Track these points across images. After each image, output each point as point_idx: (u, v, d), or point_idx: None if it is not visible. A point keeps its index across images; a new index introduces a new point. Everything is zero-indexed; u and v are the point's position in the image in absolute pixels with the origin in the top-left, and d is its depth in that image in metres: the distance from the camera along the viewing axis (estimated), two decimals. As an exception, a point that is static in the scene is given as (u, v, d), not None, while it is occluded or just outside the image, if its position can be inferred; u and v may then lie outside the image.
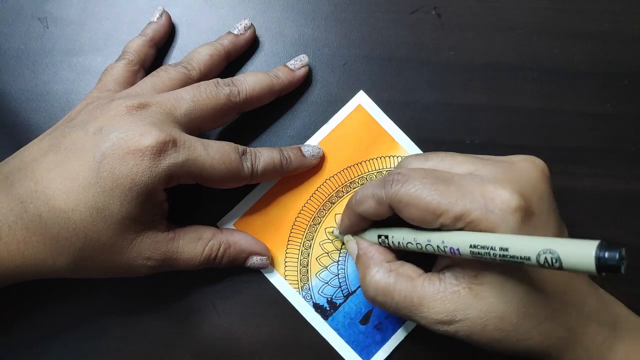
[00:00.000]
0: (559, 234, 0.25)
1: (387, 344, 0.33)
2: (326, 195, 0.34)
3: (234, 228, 0.33)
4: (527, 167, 0.26)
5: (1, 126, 0.35)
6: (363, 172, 0.34)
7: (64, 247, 0.27)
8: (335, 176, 0.34)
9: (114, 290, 0.33)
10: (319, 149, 0.33)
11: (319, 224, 0.34)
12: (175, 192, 0.30)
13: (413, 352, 0.33)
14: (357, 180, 0.34)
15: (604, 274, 0.17)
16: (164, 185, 0.28)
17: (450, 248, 0.23)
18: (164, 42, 0.35)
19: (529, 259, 0.19)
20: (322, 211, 0.34)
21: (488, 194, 0.23)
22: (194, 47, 0.34)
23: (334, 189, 0.34)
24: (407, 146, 0.34)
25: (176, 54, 0.35)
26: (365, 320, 0.33)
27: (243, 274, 0.34)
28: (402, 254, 0.28)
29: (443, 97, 0.35)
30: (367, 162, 0.34)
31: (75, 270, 0.28)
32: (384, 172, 0.34)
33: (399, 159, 0.34)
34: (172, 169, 0.27)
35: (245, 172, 0.30)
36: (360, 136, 0.34)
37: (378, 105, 0.35)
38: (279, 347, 0.33)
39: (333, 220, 0.34)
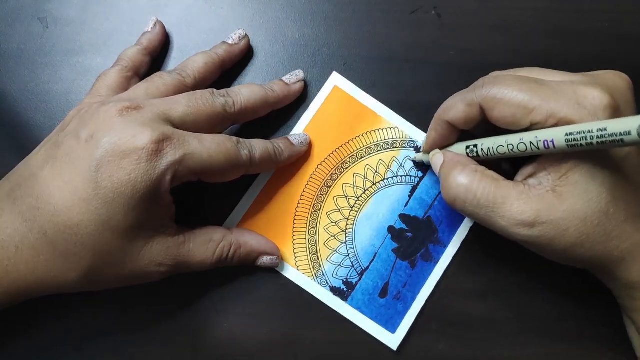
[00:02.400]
0: None
1: (409, 311, 0.33)
2: (321, 180, 0.34)
3: (244, 229, 0.34)
4: (614, 78, 0.27)
5: (1, 126, 0.35)
6: (352, 151, 0.34)
7: (73, 262, 0.26)
8: (326, 160, 0.34)
9: (113, 291, 0.33)
10: (306, 136, 0.34)
11: (320, 209, 0.34)
12: (176, 194, 0.30)
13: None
14: (348, 160, 0.34)
15: None
16: (168, 187, 0.27)
17: (545, 141, 0.24)
18: (159, 51, 0.35)
19: (629, 133, 0.20)
20: (320, 196, 0.34)
21: (580, 92, 0.24)
22: (194, 47, 0.34)
23: (328, 172, 0.34)
24: (390, 118, 0.34)
25: (176, 55, 0.35)
26: (383, 293, 0.33)
27: (243, 274, 0.34)
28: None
29: (443, 97, 0.34)
30: (354, 140, 0.34)
31: (87, 284, 0.27)
32: (373, 148, 0.34)
33: (385, 132, 0.34)
34: (173, 168, 0.26)
35: (244, 159, 0.29)
36: (342, 116, 0.35)
37: (371, 94, 0.35)
38: (279, 346, 0.33)
39: (333, 203, 0.34)
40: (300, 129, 0.34)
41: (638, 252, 0.26)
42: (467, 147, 0.29)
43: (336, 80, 0.35)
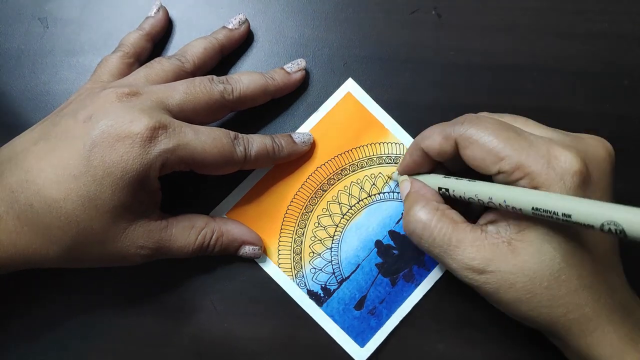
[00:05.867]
0: None
1: (381, 329, 0.33)
2: (317, 183, 0.34)
3: (227, 217, 0.34)
4: (595, 145, 0.26)
5: (1, 126, 0.35)
6: (354, 159, 0.34)
7: (56, 236, 0.26)
8: (326, 164, 0.34)
9: (113, 291, 0.33)
10: (310, 136, 0.34)
11: (311, 211, 0.34)
12: (168, 181, 0.30)
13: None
14: (348, 168, 0.34)
15: None
16: (157, 173, 0.27)
17: (512, 207, 0.24)
18: (161, 37, 0.35)
19: (592, 227, 0.20)
20: (314, 199, 0.34)
21: (553, 151, 0.24)
22: (194, 47, 0.33)
23: (325, 176, 0.34)
24: (397, 133, 0.34)
25: (176, 54, 0.35)
26: (359, 305, 0.33)
27: (243, 274, 0.34)
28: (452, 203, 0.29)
29: (443, 97, 0.35)
30: (357, 149, 0.34)
31: (68, 260, 0.28)
32: (375, 160, 0.34)
33: (389, 146, 0.34)
34: (164, 156, 0.27)
35: (239, 156, 0.30)
36: (350, 123, 0.34)
37: (369, 95, 0.35)
38: (279, 346, 0.33)
39: (325, 208, 0.34)
40: (306, 128, 0.34)
41: (587, 325, 0.25)
42: (440, 189, 0.29)
43: (350, 87, 0.35)
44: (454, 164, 0.29)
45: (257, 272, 0.34)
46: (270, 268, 0.33)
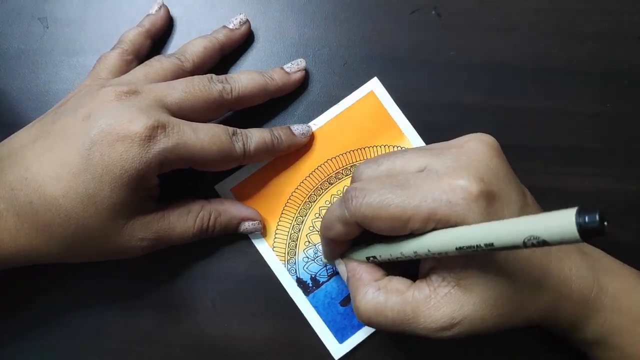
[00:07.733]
0: (523, 205, 0.25)
1: (363, 329, 0.33)
2: (325, 175, 0.34)
3: (231, 193, 0.34)
4: (477, 147, 0.25)
5: (1, 126, 0.35)
6: (365, 158, 0.34)
7: (56, 233, 0.27)
8: (337, 157, 0.34)
9: (112, 291, 0.33)
10: (309, 127, 0.34)
11: (315, 201, 0.34)
12: (165, 175, 0.30)
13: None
14: (358, 165, 0.34)
15: (592, 238, 0.17)
16: (156, 172, 0.28)
17: (438, 253, 0.23)
18: (161, 35, 0.35)
19: (517, 247, 0.20)
20: (319, 189, 0.34)
21: (447, 187, 0.23)
22: (194, 47, 0.33)
23: (334, 170, 0.34)
24: (413, 139, 0.34)
25: (176, 54, 0.35)
26: (345, 302, 0.33)
27: (244, 274, 0.34)
28: (394, 264, 0.28)
29: (443, 97, 0.35)
30: (370, 148, 0.34)
31: (68, 256, 0.28)
32: None
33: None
34: (163, 155, 0.27)
35: (238, 152, 0.30)
36: (368, 122, 0.34)
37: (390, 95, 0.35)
38: (278, 347, 0.33)
39: (329, 200, 0.34)
40: (323, 120, 0.34)
41: (556, 307, 0.26)
42: (368, 258, 0.28)
43: (374, 86, 0.35)
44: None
45: (258, 272, 0.34)
46: (264, 249, 0.34)
